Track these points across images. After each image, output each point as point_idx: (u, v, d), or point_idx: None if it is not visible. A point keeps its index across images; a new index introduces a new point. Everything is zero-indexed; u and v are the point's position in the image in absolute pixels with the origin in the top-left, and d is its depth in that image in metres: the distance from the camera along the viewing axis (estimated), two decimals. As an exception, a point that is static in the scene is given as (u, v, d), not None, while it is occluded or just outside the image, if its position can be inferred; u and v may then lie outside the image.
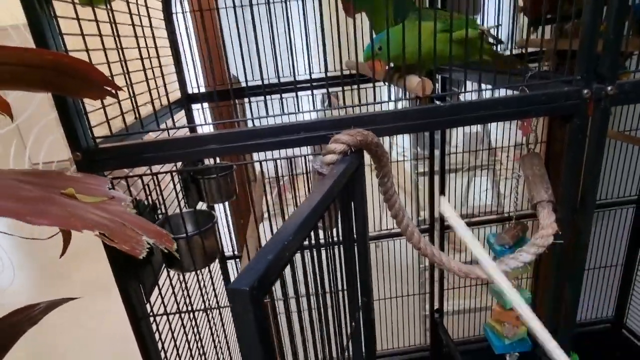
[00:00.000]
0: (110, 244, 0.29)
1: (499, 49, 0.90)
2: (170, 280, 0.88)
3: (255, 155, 0.93)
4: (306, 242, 0.45)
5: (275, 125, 0.68)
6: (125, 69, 0.72)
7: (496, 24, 0.70)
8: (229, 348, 1.05)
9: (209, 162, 1.34)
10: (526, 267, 0.91)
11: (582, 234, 0.77)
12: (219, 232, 1.04)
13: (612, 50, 0.65)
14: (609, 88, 0.66)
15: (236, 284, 0.32)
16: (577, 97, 0.67)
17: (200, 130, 0.97)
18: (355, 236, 0.69)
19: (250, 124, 0.72)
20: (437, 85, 1.27)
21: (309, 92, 0.97)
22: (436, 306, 1.78)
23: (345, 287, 0.74)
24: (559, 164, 0.74)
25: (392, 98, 0.75)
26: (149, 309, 0.81)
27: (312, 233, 0.44)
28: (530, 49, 1.17)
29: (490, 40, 0.79)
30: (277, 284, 0.39)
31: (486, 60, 0.76)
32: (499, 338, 0.97)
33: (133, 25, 0.76)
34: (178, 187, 1.12)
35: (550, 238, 0.76)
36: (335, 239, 0.66)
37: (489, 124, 2.02)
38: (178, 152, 0.63)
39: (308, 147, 0.72)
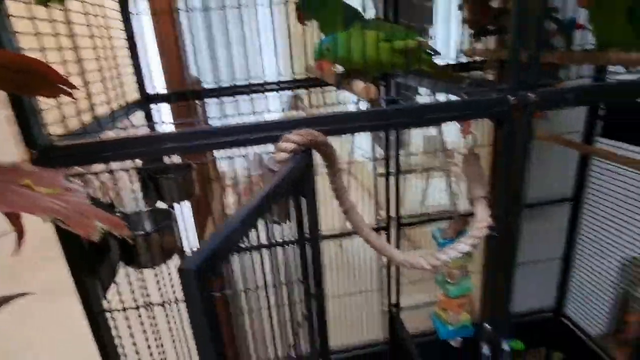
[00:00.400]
0: (65, 227, 0.31)
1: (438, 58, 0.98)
2: (129, 277, 0.90)
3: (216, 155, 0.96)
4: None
5: (231, 125, 0.71)
6: (80, 68, 0.73)
7: (431, 36, 0.77)
8: (187, 342, 1.07)
9: (169, 161, 1.35)
10: (468, 257, 0.99)
11: (514, 226, 0.85)
12: (179, 231, 1.05)
13: (534, 63, 0.73)
14: (532, 96, 0.74)
15: (185, 265, 0.35)
16: (505, 104, 0.75)
17: (159, 129, 0.99)
18: (307, 230, 0.74)
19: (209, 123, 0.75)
20: (391, 90, 1.34)
21: (267, 94, 1.01)
22: (393, 301, 1.86)
23: (299, 277, 0.79)
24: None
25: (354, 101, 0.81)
26: (106, 305, 0.82)
27: (259, 222, 0.48)
28: (478, 58, 1.27)
29: (429, 51, 0.86)
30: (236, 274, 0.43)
31: (425, 69, 0.83)
32: (444, 325, 1.05)
33: (88, 25, 0.77)
34: (136, 186, 1.13)
35: (484, 230, 0.83)
36: (288, 232, 0.71)
37: (443, 129, 2.13)
38: (136, 150, 0.65)
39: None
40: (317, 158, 0.74)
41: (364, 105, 0.81)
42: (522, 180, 0.81)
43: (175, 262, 1.09)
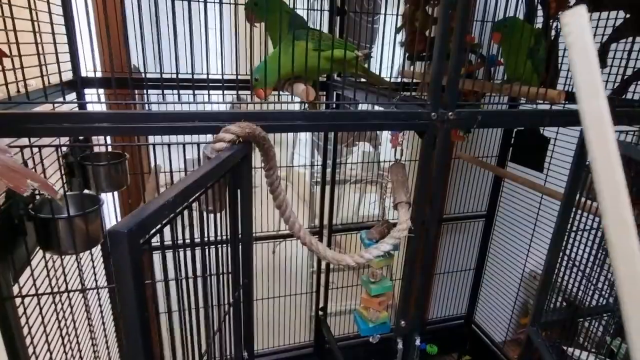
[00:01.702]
0: None
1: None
2: (46, 262, 0.85)
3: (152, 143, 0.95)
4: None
5: (171, 111, 0.72)
6: (8, 37, 0.70)
7: (370, 49, 0.85)
8: (105, 331, 1.02)
9: (99, 149, 1.29)
10: (389, 258, 1.07)
11: (430, 228, 0.94)
12: (105, 221, 1.02)
13: (452, 86, 0.84)
14: (450, 114, 0.84)
15: (116, 227, 0.37)
16: (427, 118, 0.84)
17: (91, 109, 0.96)
18: (240, 221, 0.77)
19: (146, 109, 0.75)
20: (333, 96, 1.41)
21: (211, 92, 1.02)
22: (321, 305, 1.91)
23: (228, 266, 0.80)
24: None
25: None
26: (16, 291, 0.77)
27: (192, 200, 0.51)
28: (411, 80, 1.39)
29: (364, 60, 0.94)
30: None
31: (361, 75, 0.91)
32: (364, 322, 1.11)
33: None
34: (62, 171, 1.07)
35: (405, 232, 0.91)
36: (223, 222, 0.72)
37: (380, 145, 2.26)
38: (65, 126, 0.64)
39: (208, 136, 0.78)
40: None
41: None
42: (438, 187, 0.91)
43: (98, 250, 1.04)
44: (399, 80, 1.48)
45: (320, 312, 1.91)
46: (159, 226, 0.43)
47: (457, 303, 2.18)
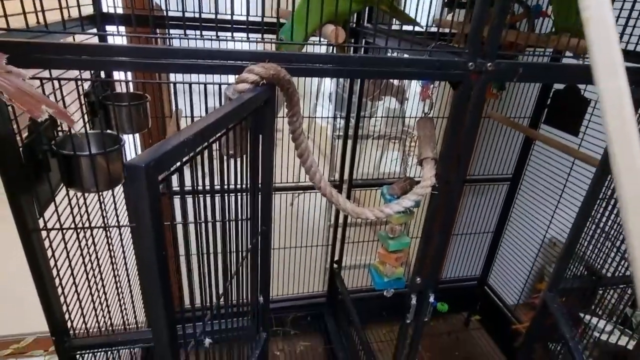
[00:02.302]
0: (9, 103, 0.30)
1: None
2: (69, 198, 0.86)
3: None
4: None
5: (192, 48, 0.69)
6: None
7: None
8: (127, 268, 1.06)
9: (121, 89, 1.28)
10: (410, 215, 1.05)
11: (454, 190, 0.91)
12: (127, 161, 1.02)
13: (494, 34, 0.76)
14: (489, 64, 0.77)
15: (134, 161, 0.35)
16: (464, 68, 0.78)
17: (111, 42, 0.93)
18: (261, 167, 0.75)
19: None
20: (362, 43, 1.33)
21: (233, 33, 0.97)
22: (337, 258, 1.94)
23: (247, 212, 0.80)
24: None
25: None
26: (42, 224, 0.79)
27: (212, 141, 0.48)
28: (449, 30, 1.30)
29: None
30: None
31: (391, 13, 0.85)
32: (380, 276, 1.12)
33: None
34: (84, 109, 1.07)
35: (428, 189, 0.88)
36: (245, 168, 0.71)
37: (407, 100, 2.17)
38: (84, 59, 0.61)
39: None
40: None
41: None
42: (467, 145, 0.86)
43: (120, 189, 1.06)
44: (434, 30, 1.38)
45: (335, 265, 1.94)
46: (179, 164, 0.42)
47: (472, 264, 2.17)
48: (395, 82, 1.82)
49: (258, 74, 0.64)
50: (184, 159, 0.44)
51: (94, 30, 1.09)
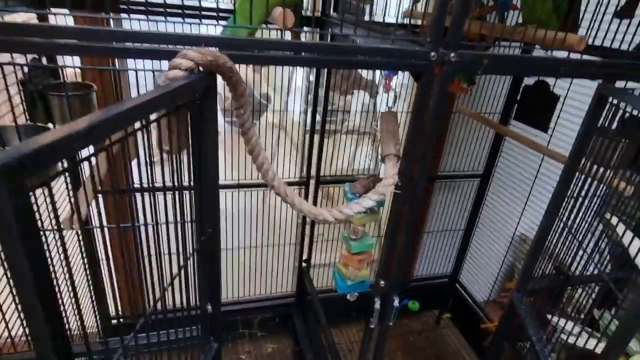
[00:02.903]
0: None
1: None
2: None
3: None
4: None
5: (146, 32, 0.61)
6: None
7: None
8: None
9: (66, 77, 1.17)
10: (374, 215, 0.99)
11: (418, 187, 0.86)
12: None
13: (457, 23, 0.71)
14: (452, 55, 0.72)
15: (-14, 159, 0.28)
16: (425, 58, 0.72)
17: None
18: (202, 164, 0.68)
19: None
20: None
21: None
22: (305, 256, 1.88)
23: (192, 214, 0.72)
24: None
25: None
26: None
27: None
28: (421, 21, 1.25)
29: None
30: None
31: None
32: (342, 279, 1.06)
33: None
34: (19, 98, 0.97)
35: (390, 187, 0.83)
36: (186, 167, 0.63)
37: (378, 94, 2.12)
38: (23, 40, 0.53)
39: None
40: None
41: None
42: (431, 140, 0.81)
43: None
44: (406, 21, 1.33)
45: (304, 264, 1.88)
46: (61, 166, 0.34)
47: (443, 262, 2.16)
48: (364, 74, 1.76)
49: (193, 60, 0.57)
50: (83, 157, 0.36)
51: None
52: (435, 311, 2.21)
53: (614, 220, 1.04)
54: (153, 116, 0.52)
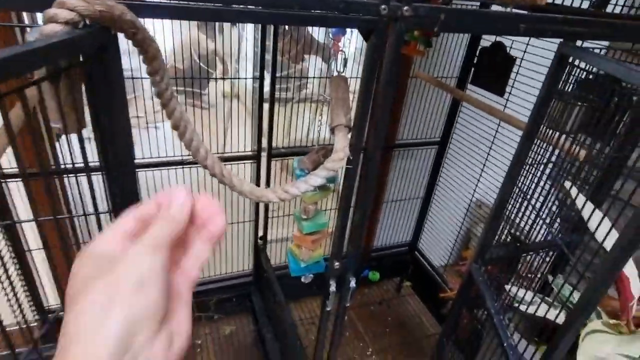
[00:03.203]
0: None
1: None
2: None
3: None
4: None
5: None
6: None
7: None
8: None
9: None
10: (326, 192, 0.91)
11: (372, 161, 0.78)
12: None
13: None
14: (405, 8, 0.63)
15: None
16: (375, 12, 0.62)
17: None
18: (109, 140, 0.55)
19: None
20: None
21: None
22: (261, 233, 1.79)
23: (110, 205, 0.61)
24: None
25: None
26: None
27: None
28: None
29: None
30: None
31: None
32: (296, 261, 0.99)
33: None
34: None
35: (341, 162, 0.74)
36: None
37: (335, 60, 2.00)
38: None
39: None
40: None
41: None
42: (385, 108, 0.72)
43: None
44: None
45: (260, 241, 1.80)
46: None
47: (402, 230, 2.14)
48: (317, 36, 1.63)
49: (74, 10, 0.43)
50: None
51: None
52: (396, 279, 2.22)
53: (567, 184, 1.02)
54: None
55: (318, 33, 1.61)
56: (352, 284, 0.95)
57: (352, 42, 1.54)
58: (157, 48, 0.55)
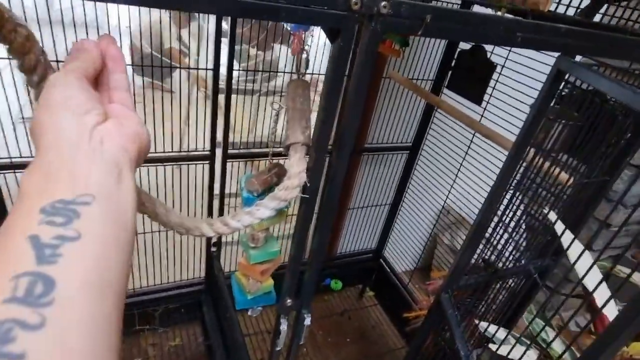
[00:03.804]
0: None
1: None
2: None
3: None
4: None
5: None
6: None
7: None
8: None
9: None
10: (279, 216, 0.77)
11: (335, 178, 0.64)
12: None
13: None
14: (383, 4, 0.48)
15: None
16: (344, 7, 0.48)
17: None
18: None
19: None
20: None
21: None
22: (215, 239, 1.63)
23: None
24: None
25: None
26: None
27: None
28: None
29: None
30: None
31: None
32: (242, 292, 0.84)
33: None
34: None
35: (295, 191, 0.60)
36: None
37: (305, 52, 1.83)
38: None
39: None
40: None
41: None
42: (352, 123, 0.59)
43: None
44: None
45: (213, 248, 1.63)
46: None
47: (368, 237, 2.04)
48: (287, 25, 1.46)
49: None
50: None
51: None
52: (359, 286, 2.12)
53: (551, 214, 0.93)
54: None
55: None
56: (307, 321, 0.82)
57: (322, 33, 1.39)
58: (32, 41, 0.38)
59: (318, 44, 1.42)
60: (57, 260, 0.23)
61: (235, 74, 1.31)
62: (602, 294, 0.72)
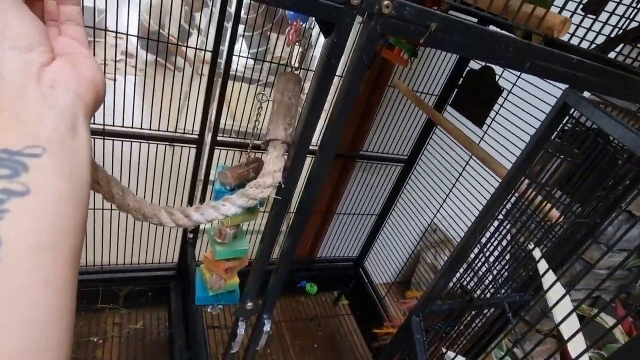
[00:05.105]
0: None
1: None
2: None
3: None
4: None
5: None
6: None
7: None
8: None
9: None
10: (250, 213, 0.72)
11: (314, 182, 0.59)
12: None
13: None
14: (385, 3, 0.44)
15: None
16: (342, 0, 0.44)
17: None
18: None
19: None
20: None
21: None
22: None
23: None
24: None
25: None
26: None
27: None
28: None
29: None
30: None
31: None
32: (204, 288, 0.80)
33: None
34: None
35: (267, 190, 0.56)
36: None
37: (307, 38, 1.79)
38: None
39: None
40: None
41: None
42: (337, 125, 0.54)
43: None
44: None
45: (190, 235, 1.59)
46: None
47: (350, 245, 2.00)
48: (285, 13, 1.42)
49: None
50: None
51: None
52: (335, 292, 2.08)
53: (536, 251, 0.90)
54: None
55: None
56: (267, 327, 0.77)
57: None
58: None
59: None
60: (3, 217, 0.20)
61: (242, 61, 1.26)
62: (577, 344, 0.68)
